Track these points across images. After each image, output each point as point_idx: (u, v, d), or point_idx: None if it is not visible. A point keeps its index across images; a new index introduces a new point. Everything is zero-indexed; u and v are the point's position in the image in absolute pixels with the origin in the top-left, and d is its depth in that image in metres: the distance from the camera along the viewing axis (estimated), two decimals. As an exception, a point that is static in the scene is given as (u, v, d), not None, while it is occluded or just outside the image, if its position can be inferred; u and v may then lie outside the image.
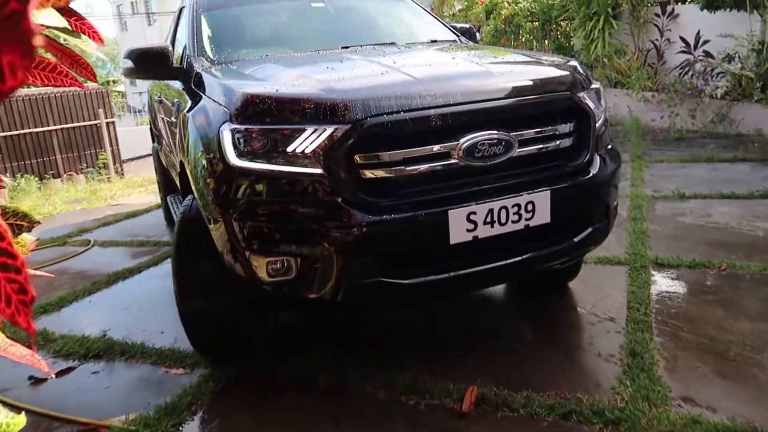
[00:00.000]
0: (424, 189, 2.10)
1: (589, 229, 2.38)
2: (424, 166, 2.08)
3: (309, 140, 2.01)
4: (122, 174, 12.73)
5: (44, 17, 1.08)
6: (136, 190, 8.48)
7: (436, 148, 2.09)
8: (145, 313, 3.41)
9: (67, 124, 12.66)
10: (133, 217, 6.18)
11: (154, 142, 5.68)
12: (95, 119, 12.94)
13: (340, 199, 2.01)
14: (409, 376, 2.39)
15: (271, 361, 2.65)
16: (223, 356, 2.68)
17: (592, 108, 2.39)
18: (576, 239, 2.35)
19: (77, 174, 12.15)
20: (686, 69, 8.07)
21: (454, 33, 3.75)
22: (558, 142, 2.30)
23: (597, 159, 2.40)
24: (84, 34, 1.48)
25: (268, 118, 2.05)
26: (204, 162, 2.21)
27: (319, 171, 2.01)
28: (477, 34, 4.09)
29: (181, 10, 4.12)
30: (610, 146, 2.58)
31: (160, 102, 4.07)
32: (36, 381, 2.71)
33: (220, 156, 2.10)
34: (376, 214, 2.01)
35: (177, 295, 2.55)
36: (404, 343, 2.77)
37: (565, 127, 2.32)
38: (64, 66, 1.05)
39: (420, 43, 3.52)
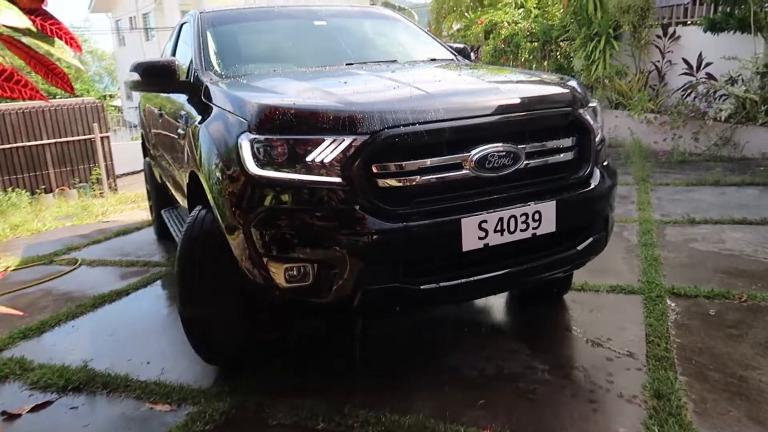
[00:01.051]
0: (437, 198, 2.16)
1: (590, 239, 2.48)
2: (437, 176, 2.15)
3: (328, 150, 2.06)
4: (116, 189, 12.50)
5: (3, 17, 0.91)
6: (129, 206, 8.29)
7: (449, 159, 2.16)
8: (131, 341, 3.21)
9: (60, 138, 12.47)
10: (123, 234, 5.97)
11: (146, 156, 5.55)
12: (90, 133, 12.77)
13: (357, 207, 2.06)
14: (414, 419, 2.20)
15: (263, 397, 2.45)
16: (223, 361, 2.72)
17: (592, 124, 2.50)
18: (579, 248, 2.44)
19: (69, 189, 11.94)
20: (689, 91, 7.99)
21: (451, 52, 3.81)
22: (561, 155, 2.41)
23: (597, 172, 2.51)
24: (59, 39, 1.31)
25: (288, 128, 2.10)
26: (222, 171, 2.27)
27: (337, 180, 2.06)
28: (472, 53, 4.16)
29: (181, 26, 4.12)
30: (606, 163, 2.66)
31: (161, 115, 3.97)
32: (9, 417, 2.49)
33: (239, 165, 2.15)
34: (393, 221, 2.07)
35: (179, 300, 2.56)
36: (408, 380, 2.57)
37: (568, 141, 2.43)
38: (23, 75, 0.89)
39: (421, 61, 3.56)
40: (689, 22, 8.79)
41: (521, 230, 2.21)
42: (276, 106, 2.16)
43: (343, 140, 2.05)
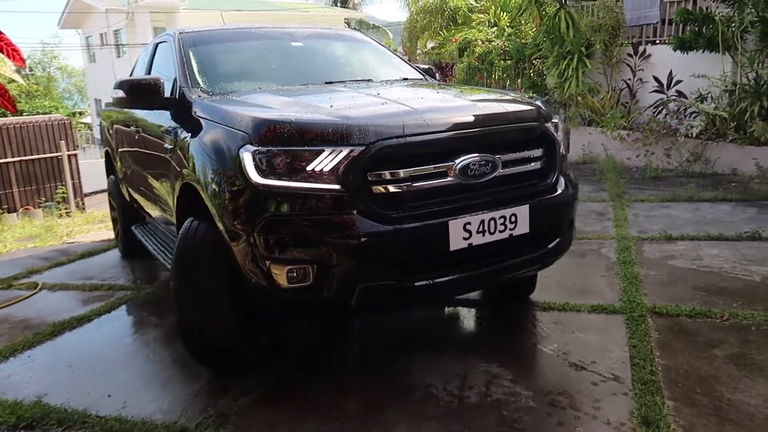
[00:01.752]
0: (426, 202, 2.35)
1: (558, 239, 2.74)
2: (426, 183, 2.35)
3: (327, 160, 2.23)
4: (83, 208, 12.14)
5: None
6: (96, 226, 8.01)
7: (435, 167, 2.36)
8: (91, 372, 3.01)
9: (26, 156, 12.09)
10: (89, 256, 5.72)
11: (110, 175, 5.46)
12: (57, 151, 12.42)
13: (355, 211, 2.23)
14: (395, 453, 2.07)
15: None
16: (217, 364, 2.79)
17: (556, 137, 2.78)
18: (549, 247, 2.70)
19: (35, 208, 11.55)
20: (660, 108, 8.10)
21: (419, 72, 4.02)
22: (532, 164, 2.67)
23: (562, 180, 2.79)
24: (1, 52, 1.19)
25: (290, 140, 2.26)
26: (224, 182, 2.41)
27: (336, 187, 2.23)
28: (447, 71, 4.58)
29: (157, 45, 4.20)
30: (568, 173, 2.92)
31: (137, 132, 3.94)
32: (-48, 460, 2.29)
33: (242, 175, 2.30)
34: (387, 224, 2.25)
35: (175, 307, 2.69)
36: (385, 410, 2.44)
37: (537, 152, 2.69)
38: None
39: (394, 80, 3.70)
40: (658, 41, 8.96)
41: (500, 231, 2.44)
42: (277, 120, 2.34)
43: (341, 151, 2.23)
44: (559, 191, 2.74)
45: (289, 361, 2.94)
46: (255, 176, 2.26)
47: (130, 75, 4.87)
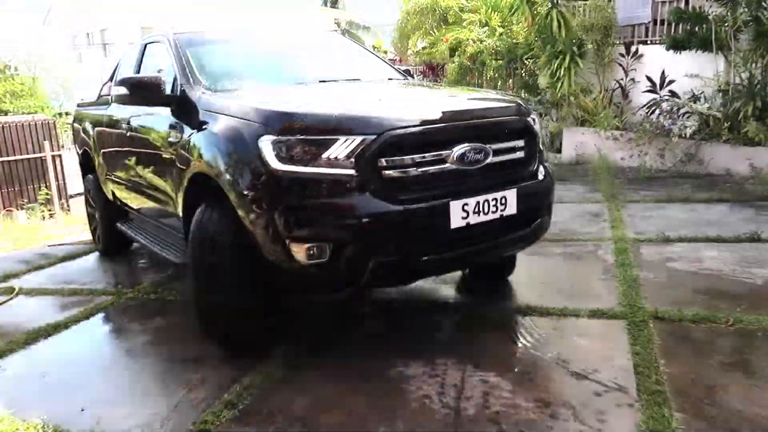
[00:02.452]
0: (429, 186, 2.61)
1: (539, 221, 3.06)
2: (429, 168, 2.60)
3: (342, 147, 2.45)
4: (68, 210, 11.91)
5: None
6: (79, 228, 7.79)
7: (436, 155, 2.61)
8: (65, 384, 2.84)
9: (8, 156, 11.82)
10: (70, 259, 5.52)
11: (86, 175, 5.45)
12: (41, 152, 12.16)
13: (367, 193, 2.46)
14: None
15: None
16: (233, 344, 2.94)
17: (536, 129, 3.09)
18: (531, 227, 3.00)
19: (17, 210, 11.30)
20: (653, 108, 8.02)
21: (401, 73, 4.22)
22: (517, 153, 2.95)
23: (542, 168, 3.13)
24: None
25: (306, 130, 2.48)
26: (244, 170, 2.58)
27: (350, 171, 2.45)
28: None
29: (145, 45, 4.28)
30: (547, 164, 3.25)
31: (128, 130, 3.99)
32: None
33: (261, 163, 2.49)
34: (397, 204, 2.49)
35: (194, 292, 2.92)
36: (377, 427, 2.30)
37: (521, 143, 2.97)
38: None
39: (382, 80, 3.89)
40: (649, 41, 8.89)
41: (492, 212, 2.69)
42: (294, 112, 2.58)
43: (355, 139, 2.45)
44: (540, 178, 3.07)
45: (272, 370, 2.79)
46: (275, 163, 2.45)
47: (111, 76, 4.90)
